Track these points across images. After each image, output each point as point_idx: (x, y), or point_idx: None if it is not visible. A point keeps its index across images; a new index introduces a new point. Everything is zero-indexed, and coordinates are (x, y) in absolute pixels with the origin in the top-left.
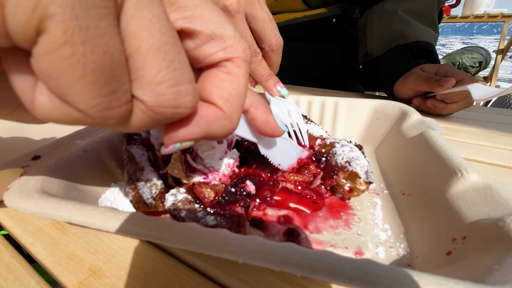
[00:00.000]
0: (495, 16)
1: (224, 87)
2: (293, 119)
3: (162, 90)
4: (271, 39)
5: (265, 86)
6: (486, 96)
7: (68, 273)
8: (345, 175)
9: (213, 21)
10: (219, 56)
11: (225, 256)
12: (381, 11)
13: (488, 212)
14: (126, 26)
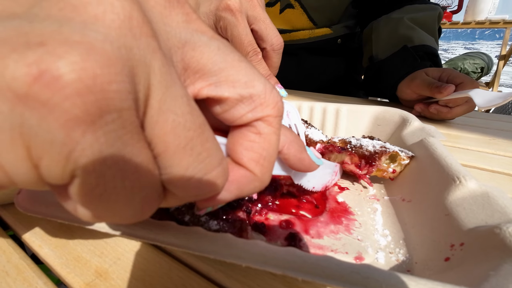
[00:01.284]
0: (496, 22)
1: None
2: (291, 120)
3: (192, 183)
4: (273, 38)
5: None
6: (490, 104)
7: (75, 275)
8: (386, 157)
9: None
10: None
11: (229, 260)
12: (387, 19)
13: (486, 219)
14: (151, 131)
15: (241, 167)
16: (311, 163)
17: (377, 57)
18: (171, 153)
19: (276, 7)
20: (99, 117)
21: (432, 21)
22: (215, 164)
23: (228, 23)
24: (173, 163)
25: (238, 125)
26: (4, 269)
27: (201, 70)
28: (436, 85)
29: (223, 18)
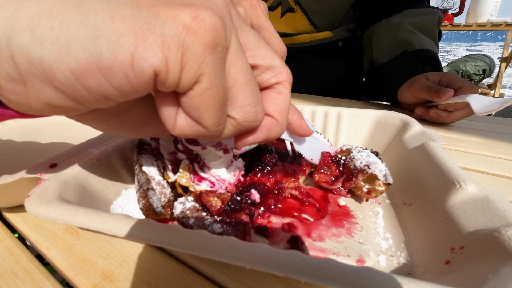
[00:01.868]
0: (498, 24)
1: (277, 103)
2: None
3: (248, 110)
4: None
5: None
6: (487, 109)
7: (82, 277)
8: (364, 177)
9: (267, 56)
10: (273, 81)
11: (233, 263)
12: (387, 23)
13: (485, 222)
14: (228, 70)
15: (268, 117)
16: (307, 128)
17: (378, 61)
18: (238, 86)
19: (277, 11)
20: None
21: (432, 25)
22: (260, 101)
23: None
24: (238, 93)
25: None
26: (13, 270)
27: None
28: (435, 89)
29: None
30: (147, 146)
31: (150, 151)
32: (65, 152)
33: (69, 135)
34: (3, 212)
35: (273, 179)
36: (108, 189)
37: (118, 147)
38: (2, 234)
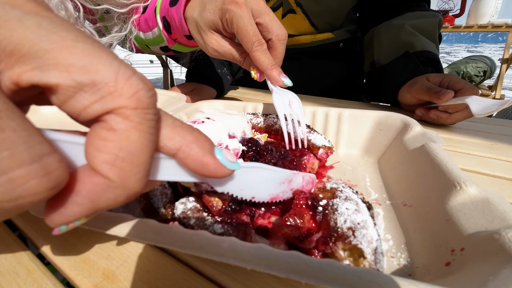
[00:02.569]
0: (499, 26)
1: (108, 150)
2: (294, 110)
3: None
4: (278, 29)
5: (269, 75)
6: (486, 111)
7: (83, 277)
8: (345, 247)
9: (76, 65)
10: (96, 110)
11: (234, 263)
12: (388, 25)
13: (486, 224)
14: None
15: (96, 174)
16: (218, 168)
17: (379, 62)
18: None
19: (279, 12)
20: None
21: (433, 27)
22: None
23: (234, 14)
24: None
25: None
26: (15, 270)
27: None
28: (435, 90)
29: (229, 10)
30: None
31: None
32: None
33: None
34: None
35: None
36: None
37: None
38: (3, 233)
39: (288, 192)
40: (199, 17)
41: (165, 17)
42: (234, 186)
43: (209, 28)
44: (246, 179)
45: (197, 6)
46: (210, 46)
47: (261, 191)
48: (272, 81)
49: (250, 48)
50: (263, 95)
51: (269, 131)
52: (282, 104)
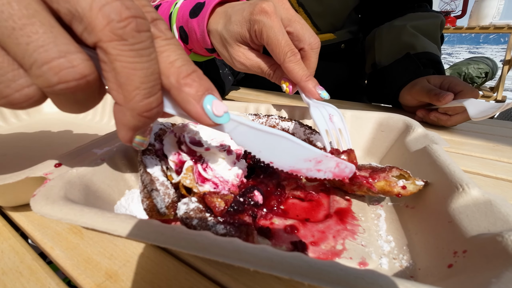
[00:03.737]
0: (501, 27)
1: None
2: (336, 124)
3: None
4: (310, 38)
5: (305, 88)
6: (483, 114)
7: (86, 276)
8: (397, 173)
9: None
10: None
11: (237, 264)
12: (390, 26)
13: (488, 227)
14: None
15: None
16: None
17: (380, 63)
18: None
19: None
20: None
21: (435, 28)
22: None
23: (264, 25)
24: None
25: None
26: (18, 269)
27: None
28: (435, 92)
29: (257, 21)
30: (151, 147)
31: (153, 152)
32: (69, 152)
33: (72, 135)
34: (7, 211)
35: (275, 180)
36: (111, 189)
37: (122, 148)
38: (7, 232)
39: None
40: (224, 29)
41: (183, 27)
42: (253, 146)
43: (235, 41)
44: (266, 143)
45: (220, 18)
46: (237, 59)
47: (281, 159)
48: (307, 94)
49: (282, 59)
50: (265, 95)
51: None
52: (323, 118)
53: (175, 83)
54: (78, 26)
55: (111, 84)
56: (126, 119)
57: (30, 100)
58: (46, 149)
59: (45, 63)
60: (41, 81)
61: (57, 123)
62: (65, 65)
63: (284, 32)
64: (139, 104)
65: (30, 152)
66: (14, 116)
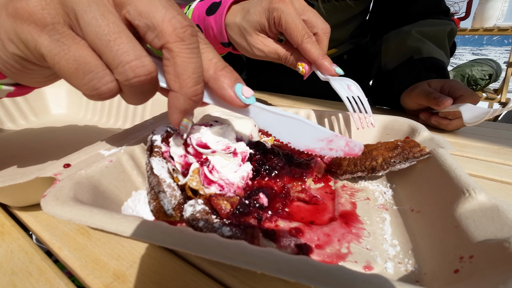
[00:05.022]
0: (505, 29)
1: (169, 71)
2: (354, 92)
3: (120, 70)
4: (322, 23)
5: (321, 65)
6: (476, 119)
7: (94, 277)
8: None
9: (144, 12)
10: (156, 44)
11: (244, 267)
12: (397, 31)
13: (495, 232)
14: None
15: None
16: (233, 100)
17: (385, 67)
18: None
19: None
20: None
21: (442, 35)
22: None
23: (282, 12)
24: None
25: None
26: (27, 269)
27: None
28: (434, 96)
29: (276, 9)
30: (158, 149)
31: (160, 153)
32: (78, 152)
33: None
34: (16, 211)
35: (280, 183)
36: (119, 190)
37: (129, 149)
38: (16, 233)
39: (327, 150)
40: (244, 20)
41: (199, 26)
42: (272, 128)
43: (255, 29)
44: (284, 125)
45: (238, 12)
46: (256, 46)
47: (297, 139)
48: (323, 71)
49: (300, 41)
50: (268, 97)
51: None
52: (342, 88)
53: (213, 74)
54: (150, 35)
55: (170, 76)
56: (180, 103)
57: (111, 92)
58: (54, 149)
59: (127, 63)
60: (123, 76)
61: (64, 124)
62: (139, 65)
63: (299, 18)
64: (190, 90)
65: (38, 153)
66: (23, 118)
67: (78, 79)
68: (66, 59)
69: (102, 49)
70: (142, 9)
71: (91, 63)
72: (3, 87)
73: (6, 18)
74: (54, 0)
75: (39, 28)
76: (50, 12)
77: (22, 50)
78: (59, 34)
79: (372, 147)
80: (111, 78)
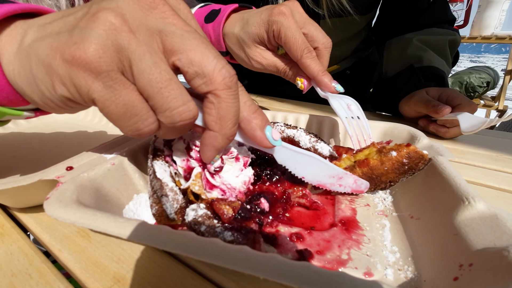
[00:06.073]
0: (503, 38)
1: (212, 114)
2: (354, 112)
3: (167, 114)
4: (323, 38)
5: (321, 81)
6: (474, 128)
7: (94, 280)
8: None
9: (196, 61)
10: (203, 89)
11: (247, 272)
12: (399, 38)
13: (494, 241)
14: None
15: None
16: (263, 141)
17: (386, 74)
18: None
19: None
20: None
21: (443, 44)
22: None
23: (282, 25)
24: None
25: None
26: (27, 271)
27: (172, 49)
28: (433, 104)
29: (276, 22)
30: (160, 153)
31: (163, 157)
32: (80, 155)
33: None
34: (16, 212)
35: (281, 188)
36: (120, 193)
37: (131, 152)
38: (16, 234)
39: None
40: (242, 31)
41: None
42: (291, 164)
43: (253, 41)
44: (301, 161)
45: (237, 22)
46: (254, 59)
47: (311, 174)
48: (323, 88)
49: (299, 56)
50: (268, 102)
51: None
52: (342, 108)
53: (247, 116)
54: (198, 81)
55: (212, 118)
56: (217, 142)
57: (151, 132)
58: (55, 150)
59: (175, 108)
60: (169, 120)
61: (64, 125)
62: (186, 110)
63: (300, 32)
64: (229, 131)
65: (39, 153)
66: None
67: (124, 121)
68: (116, 104)
69: (152, 95)
70: (194, 59)
71: (138, 106)
72: (25, 113)
73: (61, 63)
74: (111, 48)
75: (94, 75)
76: (106, 60)
77: (73, 94)
78: (112, 81)
79: (379, 171)
80: (154, 120)
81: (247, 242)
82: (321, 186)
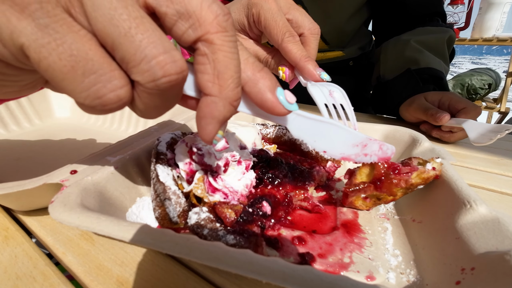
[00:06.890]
0: (504, 40)
1: (206, 70)
2: (336, 99)
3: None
4: (309, 23)
5: (303, 68)
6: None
7: (98, 283)
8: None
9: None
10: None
11: (250, 276)
12: (396, 40)
13: (496, 245)
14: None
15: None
16: (275, 106)
17: (384, 77)
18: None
19: None
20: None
21: (441, 43)
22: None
23: (261, 7)
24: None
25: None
26: (32, 274)
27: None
28: (432, 112)
29: (255, 4)
30: (163, 156)
31: (166, 161)
32: (84, 158)
33: (82, 140)
34: (20, 215)
35: (283, 191)
36: (124, 196)
37: (134, 156)
38: (20, 237)
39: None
40: None
41: None
42: (308, 136)
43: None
44: (320, 132)
45: None
46: None
47: (333, 147)
48: (306, 75)
49: (280, 40)
50: None
51: (278, 142)
52: (321, 93)
53: (251, 76)
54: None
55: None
56: (218, 110)
57: (120, 102)
58: (58, 153)
59: (154, 57)
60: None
61: (68, 128)
62: (169, 60)
63: (282, 15)
64: (232, 92)
65: (42, 156)
66: (27, 121)
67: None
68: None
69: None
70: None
71: (95, 60)
72: None
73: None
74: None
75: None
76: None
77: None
78: (49, 18)
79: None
80: (123, 82)
81: (249, 246)
82: (345, 159)
